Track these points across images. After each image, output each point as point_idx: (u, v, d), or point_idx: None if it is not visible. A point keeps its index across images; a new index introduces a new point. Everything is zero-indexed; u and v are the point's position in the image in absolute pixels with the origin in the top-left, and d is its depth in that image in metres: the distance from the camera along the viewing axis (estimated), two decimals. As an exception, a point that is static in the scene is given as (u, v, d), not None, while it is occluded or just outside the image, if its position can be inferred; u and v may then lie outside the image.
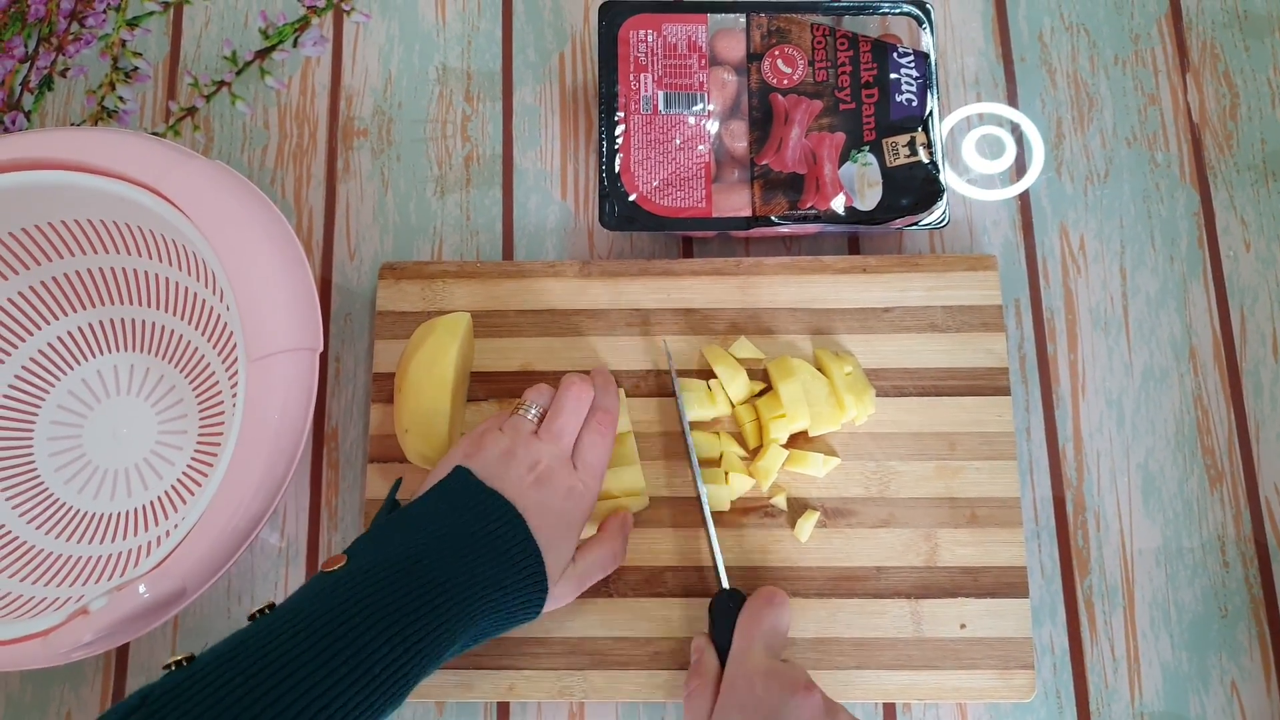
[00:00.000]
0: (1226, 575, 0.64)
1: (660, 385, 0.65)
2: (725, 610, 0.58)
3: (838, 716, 0.52)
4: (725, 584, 0.60)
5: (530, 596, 0.52)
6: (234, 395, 0.53)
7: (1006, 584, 0.62)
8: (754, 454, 0.64)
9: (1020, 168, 0.71)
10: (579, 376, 0.59)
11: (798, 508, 0.63)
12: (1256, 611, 0.63)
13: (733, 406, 0.64)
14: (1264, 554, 0.64)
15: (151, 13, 0.75)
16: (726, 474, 0.63)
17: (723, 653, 0.56)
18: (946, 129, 0.71)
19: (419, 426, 0.61)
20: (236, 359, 0.55)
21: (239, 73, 0.74)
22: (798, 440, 0.64)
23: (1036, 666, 0.62)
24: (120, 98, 0.73)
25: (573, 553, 0.55)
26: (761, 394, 0.65)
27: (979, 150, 0.71)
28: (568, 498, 0.55)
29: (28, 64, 0.74)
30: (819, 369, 0.64)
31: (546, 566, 0.53)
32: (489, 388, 0.66)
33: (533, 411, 0.57)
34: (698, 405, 0.64)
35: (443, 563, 0.49)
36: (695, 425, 0.64)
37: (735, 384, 0.63)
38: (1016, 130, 0.71)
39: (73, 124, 0.73)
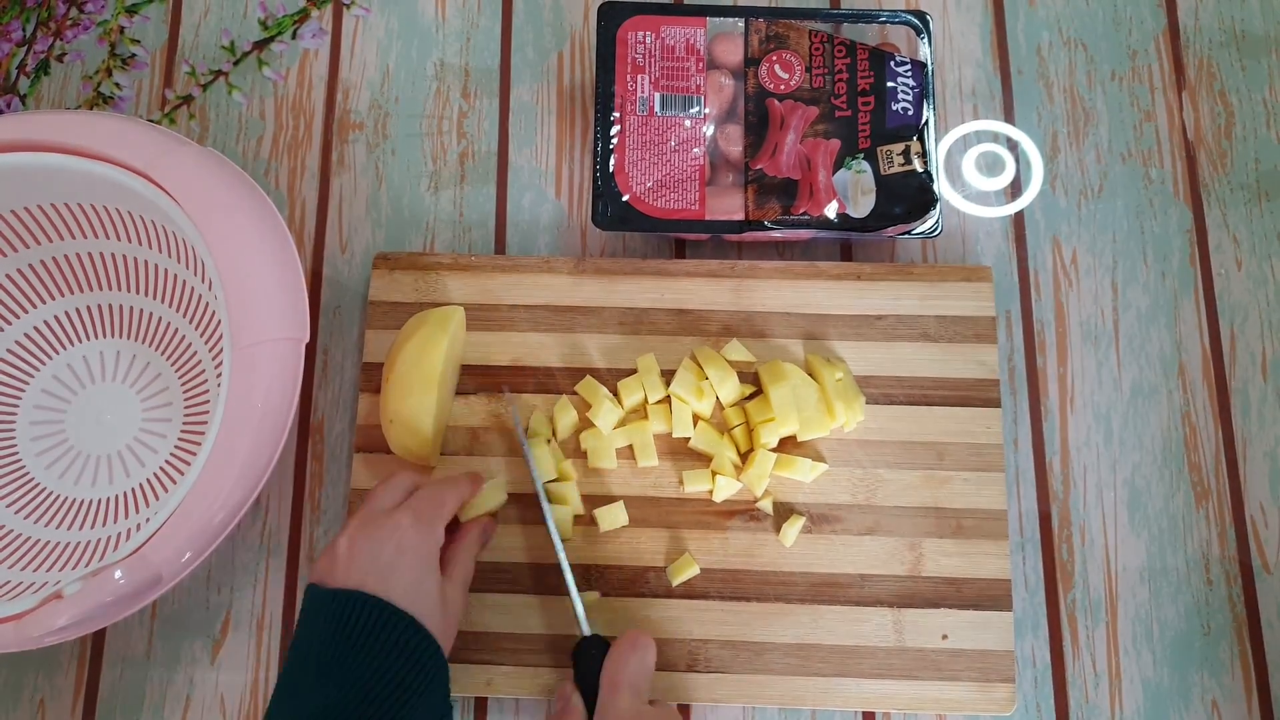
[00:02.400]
0: (1210, 593, 0.64)
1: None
2: (589, 656, 0.57)
3: None
4: (586, 630, 0.59)
5: (415, 659, 0.51)
6: (219, 383, 0.53)
7: (990, 596, 0.62)
8: (744, 457, 0.64)
9: (1016, 188, 0.71)
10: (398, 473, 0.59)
11: (783, 512, 0.63)
12: (1239, 630, 0.63)
13: (723, 409, 0.64)
14: (1248, 573, 0.64)
15: (151, 0, 0.75)
16: (714, 474, 0.63)
17: (588, 697, 0.56)
18: (946, 145, 0.71)
19: (404, 418, 0.60)
20: (222, 347, 0.54)
21: (237, 63, 0.73)
22: (786, 445, 0.64)
23: (1017, 680, 0.62)
24: (117, 84, 0.73)
25: (435, 576, 0.54)
26: (751, 398, 0.64)
27: (978, 167, 0.71)
28: (390, 539, 0.53)
29: (25, 48, 0.74)
30: (810, 374, 0.64)
31: (419, 617, 0.52)
32: (479, 381, 0.65)
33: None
34: (694, 396, 0.63)
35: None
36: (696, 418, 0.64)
37: (726, 386, 0.63)
38: (1014, 147, 0.71)
39: (68, 109, 0.73)
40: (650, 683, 0.56)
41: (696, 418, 0.64)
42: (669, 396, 0.64)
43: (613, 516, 0.62)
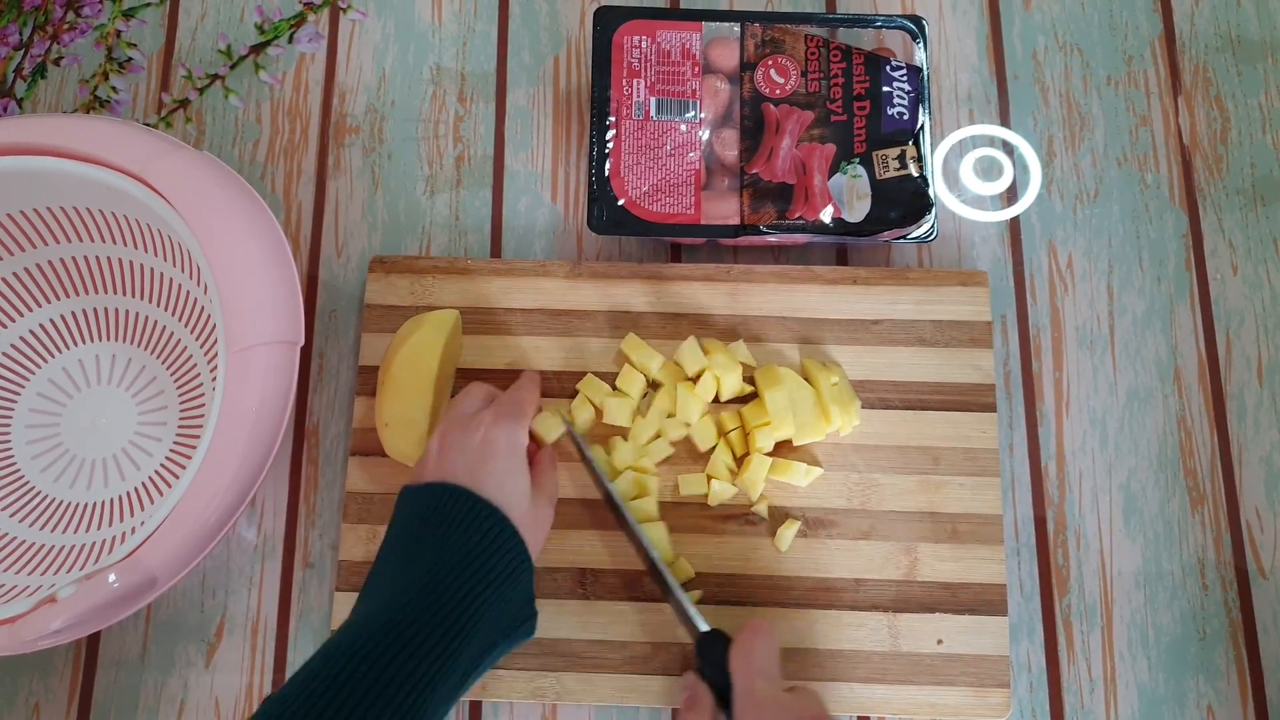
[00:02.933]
0: (1206, 598, 0.64)
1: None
2: (714, 649, 0.56)
3: None
4: (704, 626, 0.58)
5: (500, 548, 0.52)
6: (214, 387, 0.53)
7: (985, 601, 0.62)
8: (739, 461, 0.64)
9: (1013, 193, 0.71)
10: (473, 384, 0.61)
11: (779, 516, 0.63)
12: (1235, 635, 0.63)
13: (719, 411, 0.64)
14: (1243, 578, 0.64)
15: (147, 4, 0.75)
16: (709, 478, 0.63)
17: (716, 690, 0.55)
18: (943, 150, 0.71)
19: (399, 421, 0.60)
20: (217, 351, 0.54)
21: (233, 66, 0.73)
22: (782, 449, 0.64)
23: (1012, 685, 0.62)
24: (113, 88, 0.73)
25: (525, 478, 0.56)
26: (747, 401, 0.64)
27: (975, 171, 0.71)
28: (475, 435, 0.55)
29: (22, 51, 0.74)
30: (805, 379, 0.64)
31: (505, 510, 0.53)
32: (472, 387, 0.65)
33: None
34: (695, 365, 0.64)
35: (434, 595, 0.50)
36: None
37: (730, 378, 0.63)
38: (1011, 151, 0.71)
39: (65, 112, 0.73)
40: (779, 666, 0.55)
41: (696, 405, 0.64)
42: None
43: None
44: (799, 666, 0.61)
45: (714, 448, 0.64)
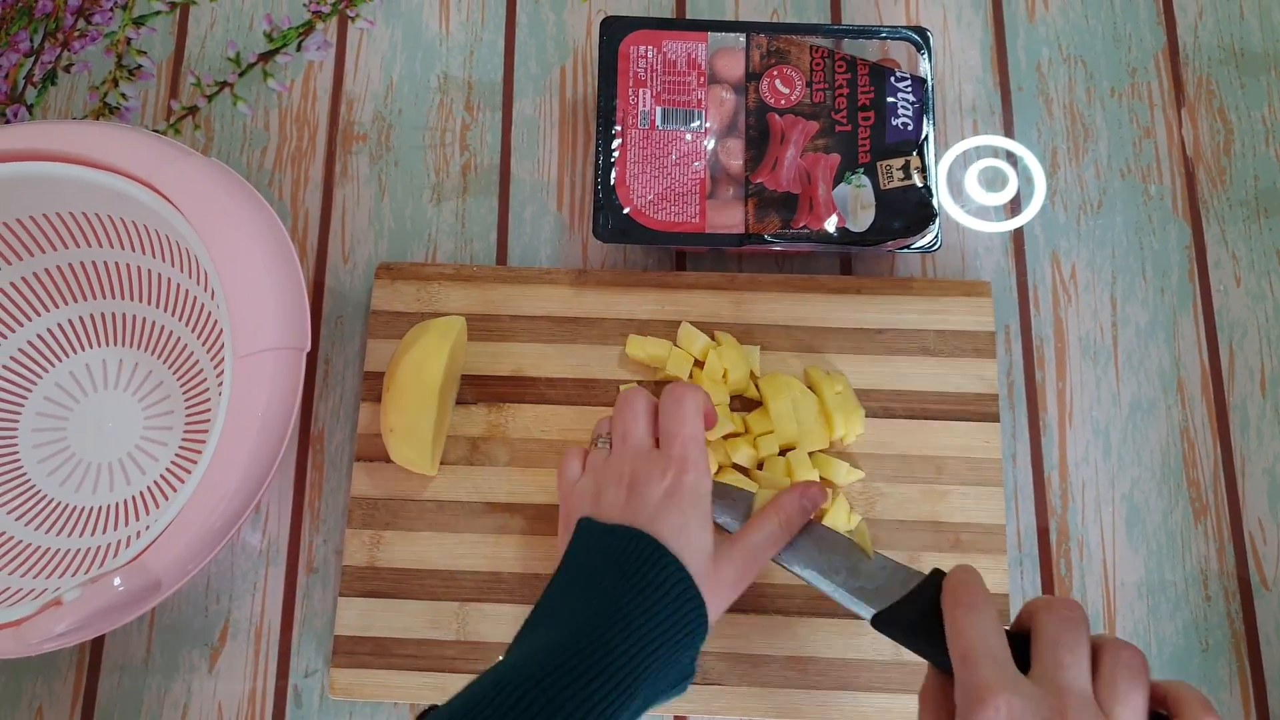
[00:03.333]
0: (1208, 609, 0.64)
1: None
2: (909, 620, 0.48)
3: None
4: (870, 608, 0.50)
5: (680, 607, 0.49)
6: (220, 392, 0.53)
7: (988, 610, 0.62)
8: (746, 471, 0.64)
9: (1016, 204, 0.71)
10: (628, 392, 0.57)
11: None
12: (1237, 647, 0.63)
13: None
14: (1246, 589, 0.64)
15: (158, 12, 0.76)
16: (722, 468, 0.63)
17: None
18: (948, 160, 0.71)
19: (404, 427, 0.61)
20: (224, 356, 0.55)
21: (242, 74, 0.74)
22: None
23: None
24: (123, 94, 0.74)
25: (708, 528, 0.52)
26: (751, 409, 0.65)
27: (980, 182, 0.71)
28: (662, 479, 0.52)
29: (33, 58, 0.75)
30: (810, 387, 0.65)
31: (686, 564, 0.50)
32: (479, 391, 0.66)
33: (601, 441, 0.57)
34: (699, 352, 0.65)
35: (606, 639, 0.47)
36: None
37: (738, 372, 0.63)
38: (1013, 159, 0.72)
39: (74, 119, 0.74)
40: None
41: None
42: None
43: None
44: (801, 674, 0.61)
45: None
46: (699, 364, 0.65)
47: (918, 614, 0.48)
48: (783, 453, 0.64)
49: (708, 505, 0.53)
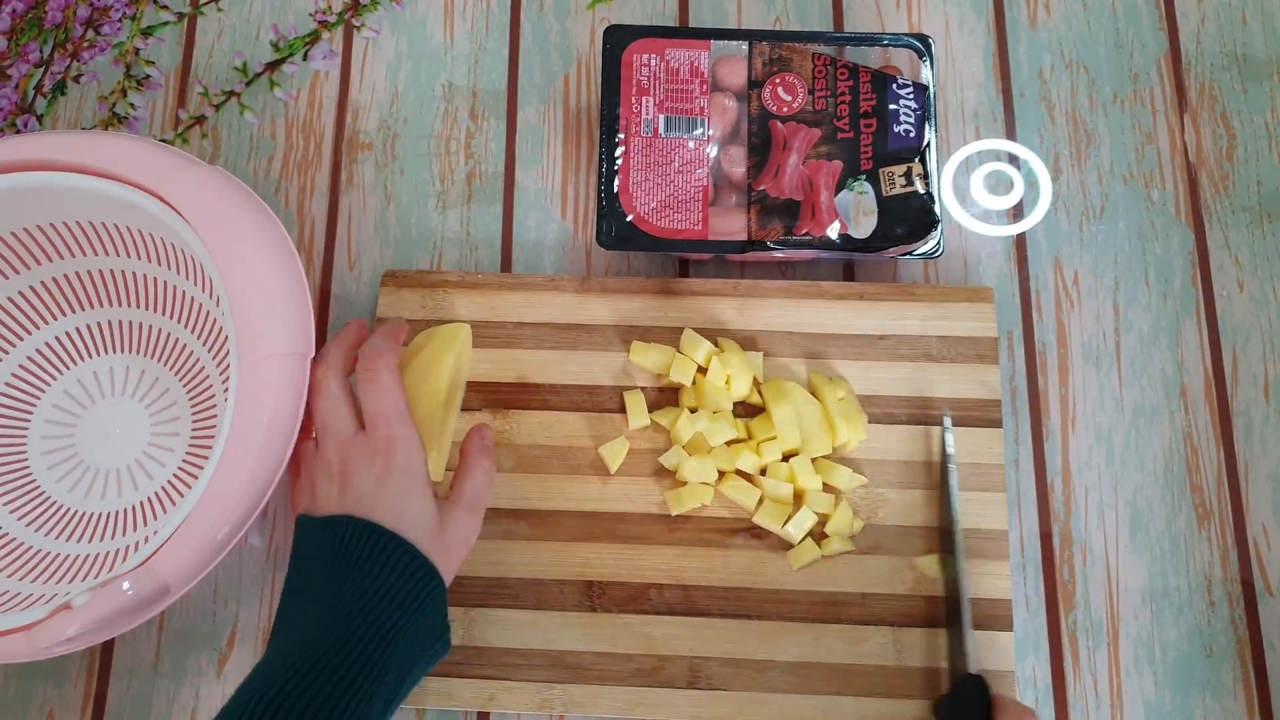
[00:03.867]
0: (1212, 615, 0.64)
1: (661, 400, 0.66)
2: (970, 699, 0.56)
3: None
4: (973, 668, 0.57)
5: (408, 576, 0.52)
6: (226, 398, 0.54)
7: (991, 616, 0.62)
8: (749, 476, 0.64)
9: (1019, 210, 0.71)
10: (314, 364, 0.56)
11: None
12: (1241, 653, 0.63)
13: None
14: (1250, 595, 0.64)
15: (166, 23, 0.77)
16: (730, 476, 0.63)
17: None
18: (953, 165, 0.72)
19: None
20: (229, 362, 0.55)
21: (249, 84, 0.75)
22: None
23: (1018, 701, 0.62)
24: (131, 104, 0.75)
25: (426, 499, 0.54)
26: (754, 415, 0.65)
27: (985, 187, 0.71)
28: (371, 464, 0.53)
29: (42, 68, 0.75)
30: (812, 393, 0.65)
31: (410, 539, 0.52)
32: (484, 397, 0.66)
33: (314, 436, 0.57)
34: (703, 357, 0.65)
35: (338, 626, 0.50)
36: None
37: (741, 380, 0.64)
38: (1017, 163, 0.72)
39: (83, 129, 0.74)
40: None
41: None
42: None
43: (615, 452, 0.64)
44: (804, 680, 0.61)
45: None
46: (702, 370, 0.65)
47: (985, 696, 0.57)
48: (785, 459, 0.64)
49: (423, 475, 0.54)
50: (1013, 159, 0.72)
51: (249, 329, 0.53)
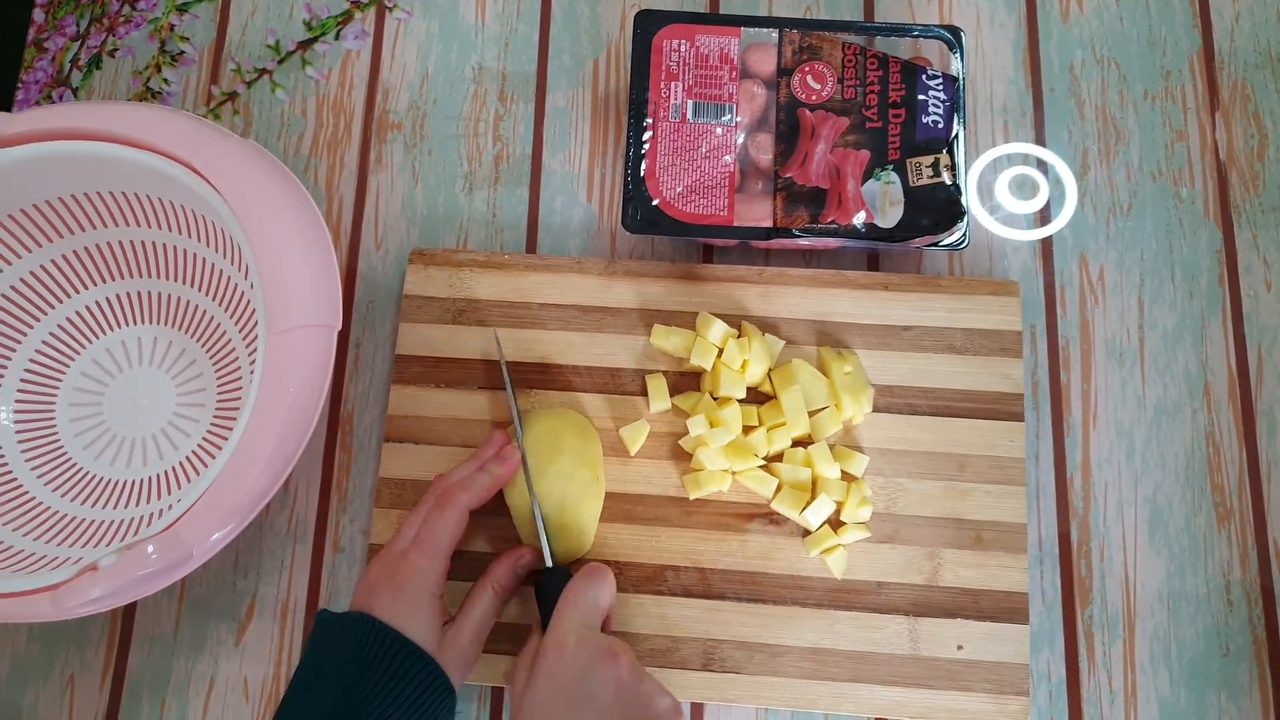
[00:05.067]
0: (1230, 615, 0.64)
1: (672, 384, 0.66)
2: (550, 589, 0.58)
3: (642, 683, 0.54)
4: (549, 561, 0.60)
5: (415, 671, 0.54)
6: (252, 370, 0.54)
7: (1007, 609, 0.62)
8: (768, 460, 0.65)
9: (1046, 210, 0.71)
10: (449, 485, 0.60)
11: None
12: (1259, 653, 0.63)
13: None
14: (1269, 596, 0.64)
15: (200, 0, 0.77)
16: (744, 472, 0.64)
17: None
18: (979, 167, 0.72)
19: (513, 505, 0.63)
20: (256, 335, 0.56)
21: (281, 61, 0.75)
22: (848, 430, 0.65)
23: (1032, 694, 0.62)
24: (165, 79, 0.75)
25: (429, 621, 0.56)
26: (763, 402, 0.65)
27: (1011, 189, 0.71)
28: (393, 580, 0.56)
29: (78, 42, 0.76)
30: (820, 369, 0.65)
31: (413, 637, 0.55)
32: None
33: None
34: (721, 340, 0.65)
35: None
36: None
37: (758, 365, 0.64)
38: (1045, 167, 0.72)
39: (117, 101, 0.75)
40: (601, 614, 0.57)
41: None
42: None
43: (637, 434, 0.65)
44: (818, 665, 0.61)
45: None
46: (719, 352, 0.65)
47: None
48: (801, 445, 0.64)
49: (429, 604, 0.56)
50: (1040, 163, 0.72)
51: (277, 299, 0.54)
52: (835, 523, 0.63)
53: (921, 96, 0.66)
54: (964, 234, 0.65)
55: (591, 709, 0.52)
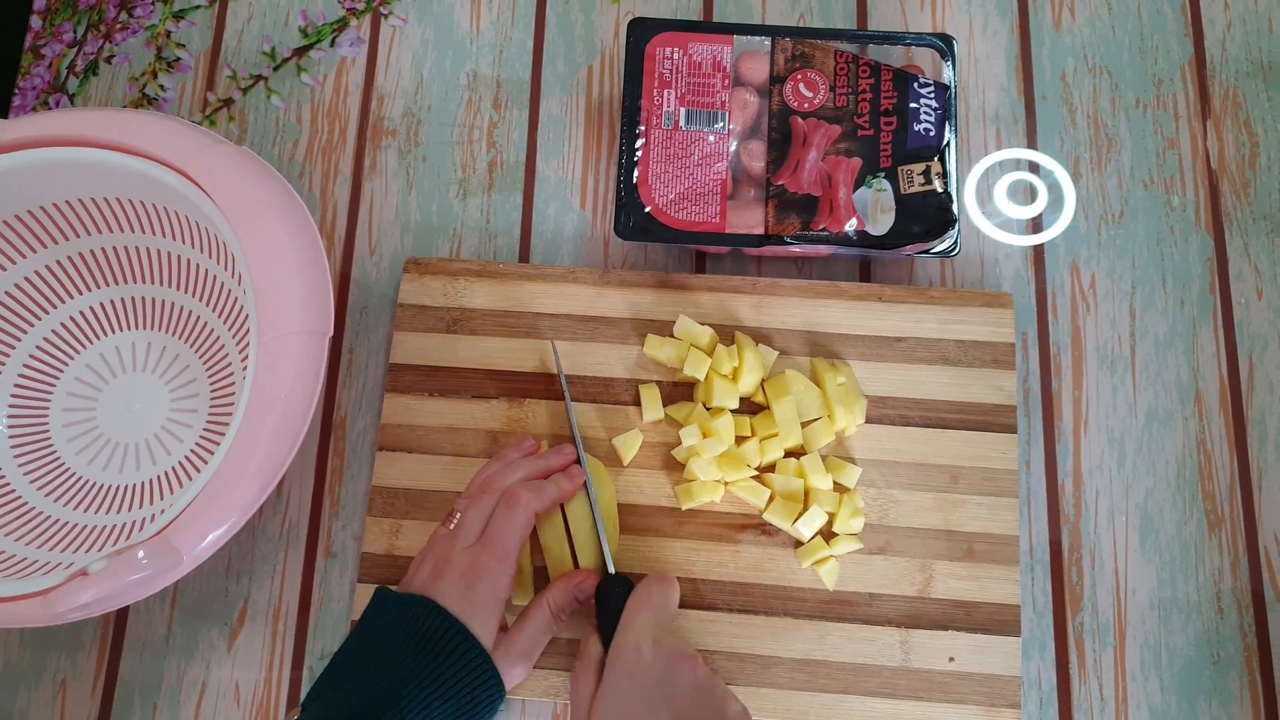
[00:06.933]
0: (1221, 622, 0.64)
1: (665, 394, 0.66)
2: (613, 596, 0.59)
3: (716, 688, 0.54)
4: (611, 569, 0.61)
5: (470, 666, 0.54)
6: (244, 375, 0.54)
7: (999, 621, 0.62)
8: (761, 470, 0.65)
9: (1039, 220, 0.71)
10: (491, 468, 0.61)
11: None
12: (1249, 660, 0.63)
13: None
14: (1260, 603, 0.64)
15: (197, 6, 0.78)
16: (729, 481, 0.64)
17: (608, 640, 0.57)
18: (976, 173, 0.72)
19: (544, 541, 0.63)
20: (249, 340, 0.56)
21: (276, 68, 0.76)
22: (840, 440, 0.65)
23: (1023, 702, 0.62)
24: (161, 86, 0.76)
25: (492, 624, 0.56)
26: (756, 412, 0.65)
27: (1007, 196, 0.71)
28: (462, 577, 0.56)
29: (75, 48, 0.77)
30: (814, 380, 0.65)
31: (475, 634, 0.55)
32: (501, 386, 0.67)
33: (455, 519, 0.59)
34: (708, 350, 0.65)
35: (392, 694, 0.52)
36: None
37: (753, 374, 0.64)
38: (1039, 172, 0.72)
39: (111, 107, 0.75)
40: (673, 617, 0.58)
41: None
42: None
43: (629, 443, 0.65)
44: (809, 677, 0.61)
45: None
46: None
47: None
48: (794, 455, 0.64)
49: (494, 609, 0.56)
50: (1034, 168, 0.72)
51: (269, 306, 0.54)
52: (827, 534, 0.63)
53: (913, 104, 0.66)
54: (955, 241, 0.65)
55: (670, 709, 0.52)
